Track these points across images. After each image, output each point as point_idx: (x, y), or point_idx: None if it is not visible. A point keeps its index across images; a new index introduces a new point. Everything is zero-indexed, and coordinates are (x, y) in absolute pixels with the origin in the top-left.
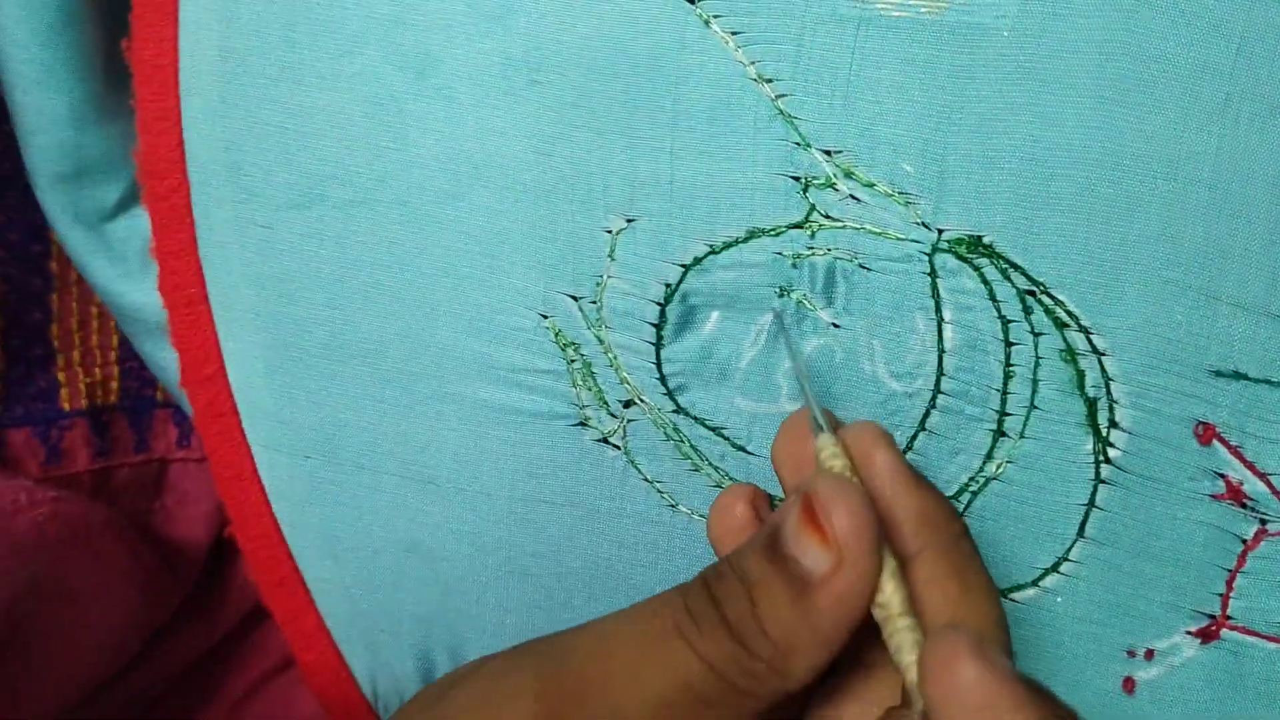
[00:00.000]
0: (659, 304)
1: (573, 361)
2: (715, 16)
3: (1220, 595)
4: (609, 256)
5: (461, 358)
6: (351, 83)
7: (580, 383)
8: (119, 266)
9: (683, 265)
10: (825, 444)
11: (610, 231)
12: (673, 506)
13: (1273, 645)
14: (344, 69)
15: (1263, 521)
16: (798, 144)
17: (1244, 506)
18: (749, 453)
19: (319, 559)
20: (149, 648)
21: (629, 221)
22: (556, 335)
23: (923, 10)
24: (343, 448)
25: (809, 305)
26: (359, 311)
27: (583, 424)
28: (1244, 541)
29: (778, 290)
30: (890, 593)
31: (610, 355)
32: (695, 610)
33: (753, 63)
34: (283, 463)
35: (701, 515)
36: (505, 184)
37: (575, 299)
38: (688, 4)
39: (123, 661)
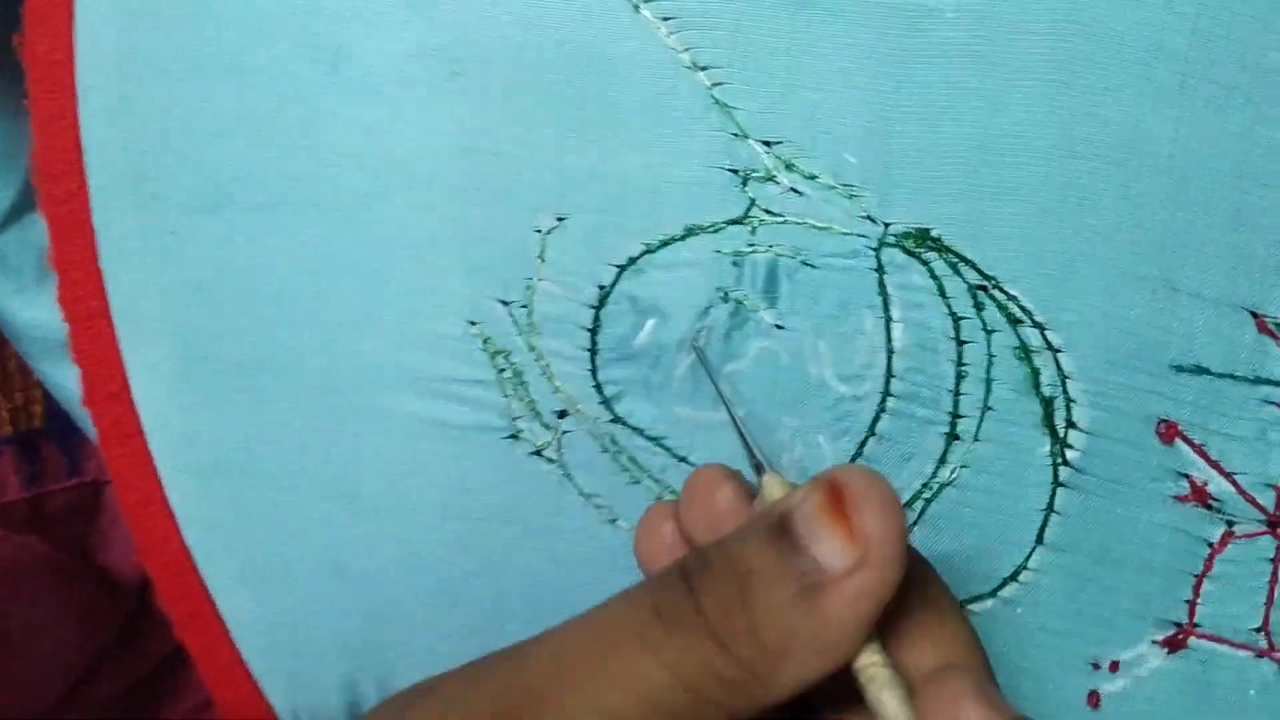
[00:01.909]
0: (593, 307)
1: (503, 370)
2: (646, 1)
3: (1187, 602)
4: (539, 258)
5: (385, 368)
6: (260, 77)
7: (511, 392)
8: (13, 281)
9: (617, 266)
10: (773, 485)
11: (540, 231)
12: (612, 522)
13: (1243, 653)
14: (252, 62)
15: (1229, 523)
16: (735, 135)
17: (1209, 508)
18: (691, 464)
19: (234, 588)
20: (86, 673)
21: (559, 220)
22: (485, 343)
23: None
24: (258, 468)
25: (751, 306)
26: (274, 321)
27: (515, 436)
28: (1210, 545)
29: (718, 291)
30: None
31: (543, 363)
32: (665, 608)
33: (686, 50)
34: (193, 485)
35: None
36: (427, 183)
37: (505, 304)
38: None
39: (61, 691)
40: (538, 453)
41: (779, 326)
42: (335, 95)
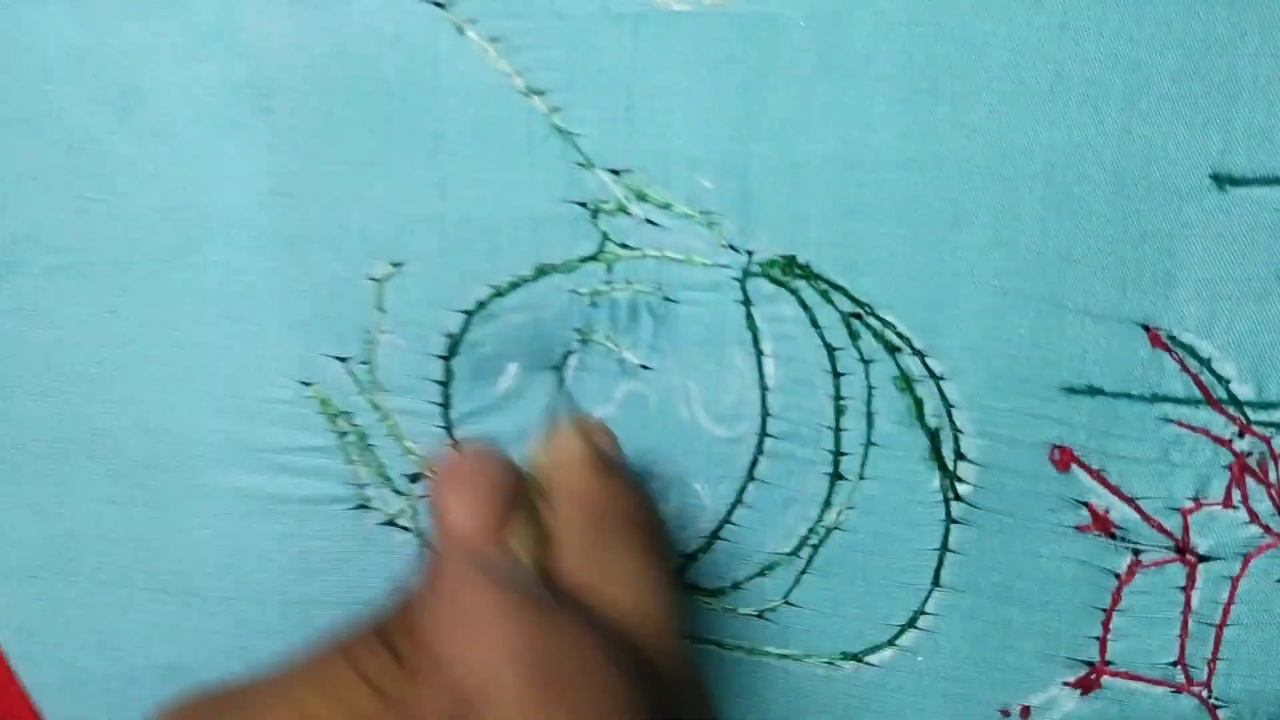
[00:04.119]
0: (442, 358)
1: (345, 434)
2: (470, 21)
3: (1097, 639)
4: (377, 308)
5: (210, 442)
6: (45, 125)
7: (356, 458)
8: None
9: (465, 312)
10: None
11: (375, 279)
12: None
13: (1159, 689)
14: (34, 110)
15: (1135, 552)
16: (580, 164)
17: (1113, 537)
18: None
19: (59, 695)
20: None
21: (396, 266)
22: (323, 405)
23: (706, 1)
24: (76, 562)
25: (613, 347)
26: (81, 398)
27: (363, 506)
28: (1117, 576)
29: (577, 334)
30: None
31: (390, 423)
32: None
33: (519, 73)
34: (6, 586)
35: None
36: (243, 233)
37: (342, 360)
38: (436, 8)
39: None
40: (390, 522)
41: (645, 367)
42: (129, 141)
